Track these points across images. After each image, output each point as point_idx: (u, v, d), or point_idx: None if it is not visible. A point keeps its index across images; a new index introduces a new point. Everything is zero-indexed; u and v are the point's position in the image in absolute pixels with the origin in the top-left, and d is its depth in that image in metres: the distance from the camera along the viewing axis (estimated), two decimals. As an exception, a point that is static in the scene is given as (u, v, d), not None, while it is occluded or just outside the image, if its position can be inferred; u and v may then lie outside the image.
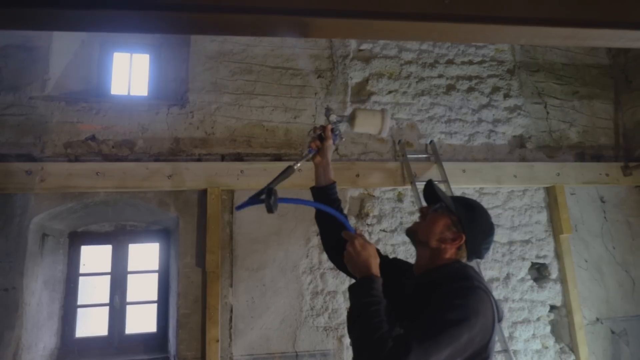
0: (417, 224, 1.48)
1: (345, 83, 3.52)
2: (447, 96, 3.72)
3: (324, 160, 1.74)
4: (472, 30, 1.56)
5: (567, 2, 1.59)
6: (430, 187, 1.49)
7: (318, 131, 1.72)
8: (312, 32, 1.72)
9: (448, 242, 1.38)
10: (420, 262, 1.45)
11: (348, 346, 3.08)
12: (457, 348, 1.16)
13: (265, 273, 3.06)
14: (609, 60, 4.20)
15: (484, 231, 1.43)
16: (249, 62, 3.38)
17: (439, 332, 1.15)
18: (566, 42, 1.65)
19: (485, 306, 1.23)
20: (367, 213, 3.31)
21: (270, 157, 3.25)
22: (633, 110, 4.01)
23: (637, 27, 1.59)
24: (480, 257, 1.45)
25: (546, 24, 1.56)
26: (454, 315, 1.18)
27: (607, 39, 1.62)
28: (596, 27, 1.58)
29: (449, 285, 1.28)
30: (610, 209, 3.87)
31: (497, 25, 1.55)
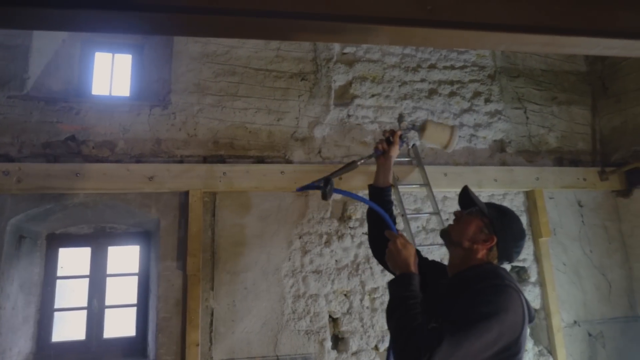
0: (451, 226, 1.55)
1: (329, 86, 3.53)
2: (430, 100, 3.76)
3: (387, 163, 1.81)
4: (454, 36, 1.58)
5: (545, 11, 1.62)
6: (465, 192, 1.58)
7: (387, 134, 1.81)
8: (295, 35, 1.72)
9: (480, 243, 1.45)
10: (454, 262, 1.52)
11: (329, 350, 3.08)
12: (487, 341, 1.22)
13: (247, 276, 3.04)
14: (587, 67, 4.30)
15: (515, 235, 1.50)
16: (233, 63, 3.36)
17: (470, 325, 1.22)
18: (544, 49, 1.69)
19: (515, 304, 1.29)
20: (350, 216, 3.32)
21: (253, 160, 3.24)
22: (609, 117, 4.11)
23: (613, 36, 1.63)
24: (511, 260, 1.51)
25: (525, 31, 1.60)
26: (485, 310, 1.25)
27: (584, 47, 1.66)
28: (573, 34, 1.62)
29: (481, 283, 1.35)
30: (587, 213, 3.95)
31: (477, 32, 1.58)
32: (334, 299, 3.17)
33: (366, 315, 3.20)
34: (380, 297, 3.25)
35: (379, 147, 1.79)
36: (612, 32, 1.61)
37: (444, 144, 1.80)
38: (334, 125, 3.48)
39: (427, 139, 1.83)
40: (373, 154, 1.79)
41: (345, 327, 3.15)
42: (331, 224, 3.28)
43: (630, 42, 1.65)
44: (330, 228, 3.27)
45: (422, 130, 1.82)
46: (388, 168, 1.81)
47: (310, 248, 3.20)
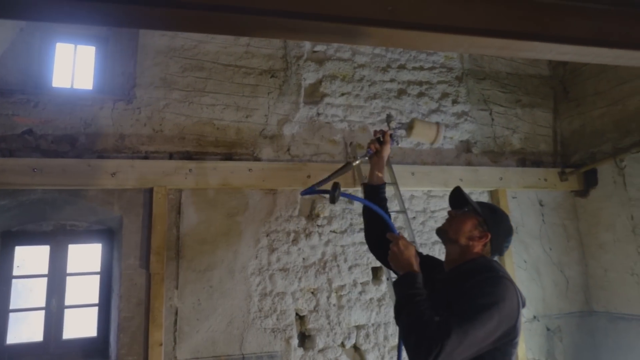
0: (447, 224, 1.65)
1: (299, 84, 3.52)
2: (399, 100, 3.80)
3: (380, 162, 1.89)
4: (414, 37, 1.60)
5: (502, 15, 1.67)
6: (457, 192, 1.69)
7: (378, 134, 1.89)
8: (258, 31, 1.71)
9: (475, 239, 1.57)
10: (451, 258, 1.63)
11: (296, 347, 3.09)
12: (489, 329, 1.34)
13: (213, 274, 3.01)
14: (549, 71, 4.45)
15: (506, 231, 1.64)
16: (201, 58, 3.31)
17: (474, 315, 1.33)
18: (501, 53, 1.74)
19: (510, 293, 1.41)
20: (318, 214, 3.33)
21: (221, 157, 3.20)
22: (570, 120, 4.26)
23: (565, 42, 1.69)
24: (501, 254, 1.65)
25: (483, 34, 1.64)
26: (485, 301, 1.36)
27: (539, 51, 1.72)
28: (528, 39, 1.67)
29: (479, 276, 1.46)
30: (548, 212, 4.09)
31: (437, 34, 1.61)
32: (301, 297, 3.17)
33: (333, 312, 3.22)
34: (347, 294, 3.28)
35: (372, 147, 1.86)
36: (565, 38, 1.67)
37: (431, 139, 1.91)
38: (303, 123, 3.47)
39: (415, 136, 1.92)
40: (366, 154, 1.86)
41: (312, 325, 3.16)
42: (299, 222, 3.28)
43: (582, 48, 1.72)
44: (298, 226, 3.27)
45: (410, 129, 1.91)
46: (381, 167, 1.90)
47: (278, 246, 3.19)
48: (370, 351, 3.25)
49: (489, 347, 1.37)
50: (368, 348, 3.25)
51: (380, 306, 3.34)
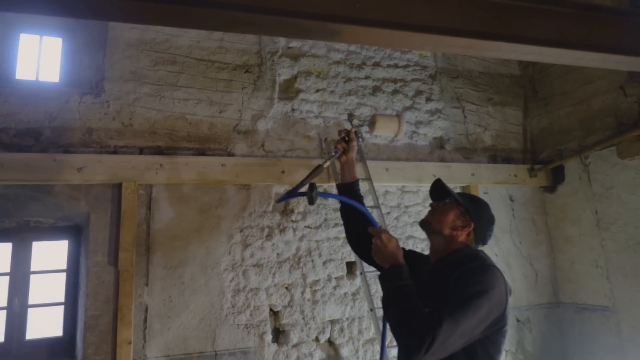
0: (430, 216, 1.66)
1: (273, 79, 3.51)
2: (373, 97, 3.83)
3: (348, 160, 1.90)
4: (381, 35, 1.61)
5: (468, 16, 1.69)
6: (438, 185, 1.69)
7: (343, 134, 1.90)
8: (228, 26, 1.69)
9: (459, 229, 1.58)
10: (436, 249, 1.63)
11: (269, 343, 3.09)
12: (480, 317, 1.34)
13: (185, 271, 2.98)
14: (520, 71, 4.55)
15: (488, 220, 1.65)
16: (173, 52, 3.26)
17: (464, 303, 1.33)
18: (467, 52, 1.76)
19: (499, 281, 1.42)
20: (292, 209, 3.33)
21: (193, 152, 3.16)
22: (539, 118, 4.37)
23: (528, 42, 1.74)
24: (485, 243, 1.66)
25: (449, 33, 1.66)
26: (475, 289, 1.36)
27: (503, 51, 1.76)
28: (493, 39, 1.70)
29: (467, 265, 1.47)
30: (518, 207, 4.20)
31: (404, 32, 1.62)
32: (275, 292, 3.17)
33: (307, 307, 3.23)
34: (322, 289, 3.30)
35: (339, 147, 1.87)
36: (528, 39, 1.72)
37: (395, 131, 1.96)
38: (277, 118, 3.46)
39: (378, 131, 1.96)
40: (334, 155, 1.88)
41: (286, 320, 3.17)
42: (273, 218, 3.28)
43: (544, 49, 1.77)
44: (272, 221, 3.27)
45: (372, 124, 1.95)
46: (351, 164, 1.90)
47: (252, 242, 3.18)
48: (345, 345, 3.28)
49: (480, 336, 1.38)
50: (342, 342, 3.28)
51: (354, 300, 3.37)
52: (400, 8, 1.62)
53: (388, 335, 3.15)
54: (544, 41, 1.77)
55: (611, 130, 3.67)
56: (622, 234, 3.54)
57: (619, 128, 3.61)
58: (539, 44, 1.77)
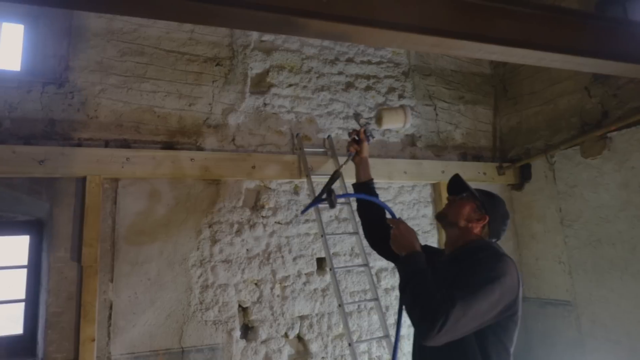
0: (447, 209, 1.75)
1: (245, 73, 3.46)
2: (346, 93, 3.83)
3: (363, 160, 2.00)
4: (348, 30, 1.61)
5: (434, 14, 1.71)
6: (455, 179, 1.79)
7: (353, 135, 1.98)
8: (191, 17, 1.66)
9: (474, 221, 1.67)
10: (451, 240, 1.72)
11: (238, 339, 3.07)
12: (491, 301, 1.41)
13: (151, 266, 2.92)
14: (491, 70, 4.63)
15: (503, 215, 1.74)
16: (141, 43, 3.18)
17: (477, 288, 1.40)
18: (433, 50, 1.78)
19: (511, 269, 1.49)
20: (263, 205, 3.31)
21: (161, 145, 3.10)
22: (508, 117, 4.47)
23: (493, 42, 1.76)
24: (499, 237, 1.73)
25: (416, 31, 1.67)
26: (488, 275, 1.44)
27: (468, 50, 1.78)
28: (458, 38, 1.72)
29: (481, 253, 1.57)
30: (486, 205, 4.28)
31: (371, 28, 1.62)
32: (244, 289, 3.15)
33: (277, 303, 3.22)
34: (291, 285, 3.29)
35: (352, 149, 1.96)
36: (492, 38, 1.74)
37: (402, 122, 2.00)
38: (249, 113, 3.42)
39: (386, 125, 2.00)
40: (349, 157, 1.96)
41: (255, 316, 3.15)
42: (243, 213, 3.25)
43: (508, 49, 1.80)
44: (242, 217, 3.24)
45: (379, 119, 1.98)
46: (365, 163, 2.00)
47: (221, 237, 3.14)
48: (314, 341, 3.29)
49: (491, 321, 1.44)
50: (312, 338, 3.29)
51: (324, 296, 3.38)
52: (367, 4, 1.61)
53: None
54: (509, 41, 1.81)
55: (576, 130, 3.78)
56: (584, 231, 3.66)
57: (583, 128, 3.72)
58: (504, 43, 1.80)
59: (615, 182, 3.46)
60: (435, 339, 1.34)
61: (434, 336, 1.33)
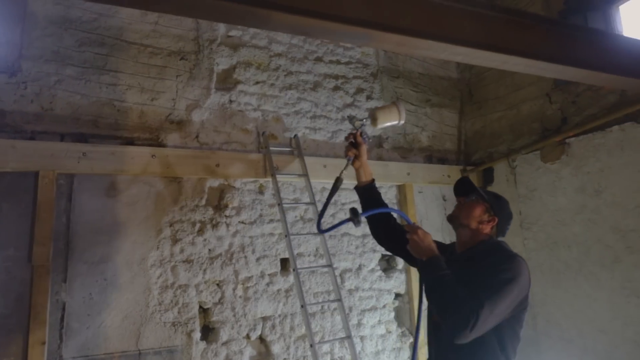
0: (458, 211, 1.86)
1: (211, 68, 3.38)
2: (314, 92, 3.81)
3: (362, 163, 2.03)
4: (312, 24, 1.58)
5: (400, 12, 1.70)
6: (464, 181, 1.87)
7: (350, 139, 1.99)
8: (150, 4, 1.59)
9: (485, 223, 1.79)
10: (463, 241, 1.84)
11: (198, 341, 2.99)
12: (511, 299, 1.57)
13: (108, 266, 2.80)
14: (458, 74, 4.72)
15: (508, 215, 1.88)
16: (102, 33, 3.05)
17: (499, 289, 1.56)
18: (399, 49, 1.78)
19: (524, 268, 1.65)
20: (227, 204, 3.24)
21: (122, 141, 2.98)
22: (473, 121, 4.56)
23: (458, 43, 1.77)
24: (504, 235, 1.87)
25: (382, 29, 1.65)
26: (506, 276, 1.59)
27: (433, 50, 1.78)
28: (424, 38, 1.72)
29: (496, 255, 1.70)
30: (450, 207, 4.34)
31: (336, 23, 1.59)
32: (205, 289, 3.07)
33: (239, 304, 3.15)
34: (254, 285, 3.23)
35: (350, 154, 1.98)
36: (458, 39, 1.75)
37: (397, 118, 1.99)
38: (214, 110, 3.35)
39: (382, 124, 1.98)
40: (348, 162, 1.96)
41: (216, 317, 3.07)
42: (206, 212, 3.16)
43: (473, 51, 1.81)
44: (205, 216, 3.15)
45: (374, 120, 1.96)
46: (365, 166, 2.04)
47: (182, 236, 3.05)
48: (276, 342, 3.24)
49: (508, 315, 1.60)
50: (274, 339, 3.24)
51: (287, 297, 3.34)
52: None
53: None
54: (473, 43, 1.82)
55: (537, 135, 3.89)
56: (542, 234, 3.77)
57: (544, 133, 3.84)
58: (469, 45, 1.81)
59: (572, 187, 3.58)
60: (467, 337, 1.50)
61: (468, 335, 1.49)
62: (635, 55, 2.36)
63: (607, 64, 2.22)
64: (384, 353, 3.68)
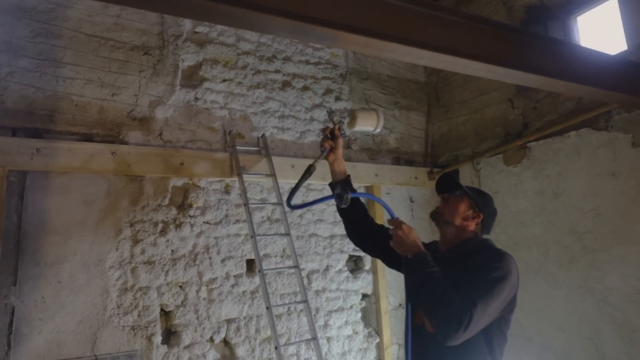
0: (442, 208, 1.79)
1: (176, 65, 3.29)
2: (283, 92, 3.77)
3: (337, 157, 1.98)
4: (276, 23, 1.55)
5: (367, 14, 1.70)
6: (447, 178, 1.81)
7: (327, 132, 1.96)
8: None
9: (469, 219, 1.72)
10: (446, 239, 1.77)
11: (159, 345, 2.90)
12: (502, 298, 1.52)
13: (63, 268, 2.68)
14: (425, 78, 4.79)
15: (493, 212, 1.82)
16: (59, 24, 2.91)
17: (491, 287, 1.50)
18: (364, 50, 1.78)
19: (513, 266, 1.60)
20: (191, 204, 3.16)
21: (79, 137, 2.86)
22: (440, 124, 4.64)
23: (422, 47, 1.79)
24: (489, 232, 1.80)
25: (347, 30, 1.65)
26: (497, 275, 1.54)
27: (398, 53, 1.79)
28: (389, 40, 1.72)
29: (484, 253, 1.63)
30: (417, 208, 4.41)
31: (301, 23, 1.58)
32: (167, 291, 2.98)
33: (202, 306, 3.08)
34: (219, 287, 3.17)
35: (326, 145, 1.94)
36: (422, 43, 1.77)
37: (374, 126, 1.98)
38: (179, 107, 3.26)
39: (359, 126, 1.97)
40: (322, 153, 1.94)
41: (179, 320, 2.99)
42: (169, 212, 3.08)
43: (437, 55, 1.83)
44: (168, 216, 3.07)
45: (353, 119, 1.95)
46: (340, 161, 2.00)
47: (143, 237, 2.95)
48: (241, 345, 3.19)
49: (497, 315, 1.55)
50: (238, 342, 3.18)
51: (253, 299, 3.29)
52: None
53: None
54: (437, 47, 1.84)
55: (500, 139, 3.99)
56: (503, 235, 3.87)
57: (506, 137, 3.94)
58: (433, 49, 1.83)
59: (532, 189, 3.69)
60: (459, 339, 1.44)
61: (460, 336, 1.42)
62: (591, 64, 2.45)
63: (565, 71, 2.29)
64: (350, 354, 3.69)
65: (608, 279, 3.17)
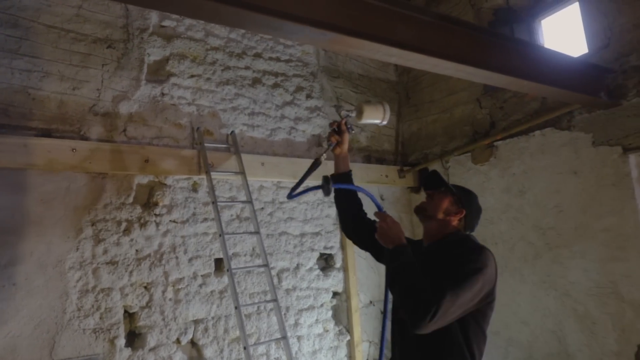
0: (426, 203, 1.83)
1: (141, 59, 3.19)
2: (253, 89, 3.71)
3: (343, 151, 2.00)
4: (246, 17, 1.51)
5: (337, 11, 1.68)
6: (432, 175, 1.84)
7: (334, 126, 1.97)
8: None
9: (452, 215, 1.75)
10: (429, 233, 1.80)
11: (122, 348, 2.80)
12: (475, 291, 1.53)
13: (18, 270, 2.55)
14: (396, 77, 4.82)
15: (477, 209, 1.85)
16: (15, 14, 2.76)
17: (463, 279, 1.51)
18: (334, 47, 1.76)
19: (491, 260, 1.62)
20: (157, 202, 3.07)
21: (37, 132, 2.72)
22: (410, 123, 4.68)
23: (391, 45, 1.78)
24: (473, 229, 1.84)
25: (316, 25, 1.63)
26: (472, 267, 1.55)
27: (367, 50, 1.78)
28: (359, 37, 1.71)
29: (463, 246, 1.67)
30: (387, 206, 4.43)
31: (271, 17, 1.54)
32: (132, 292, 2.88)
33: (168, 307, 3.00)
34: (186, 287, 3.09)
35: (332, 139, 1.95)
36: (391, 41, 1.76)
37: (381, 118, 1.98)
38: (144, 102, 3.16)
39: (366, 119, 1.97)
40: (329, 147, 1.95)
41: (143, 322, 2.90)
42: (133, 210, 2.98)
43: (406, 53, 1.84)
44: (132, 215, 2.97)
45: (360, 113, 1.96)
46: (345, 155, 2.02)
47: (106, 237, 2.85)
48: (209, 345, 3.12)
49: (473, 309, 1.56)
50: (206, 342, 3.12)
51: (221, 299, 3.23)
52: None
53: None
54: (406, 45, 1.85)
55: (468, 138, 4.06)
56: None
57: (474, 136, 4.01)
58: (402, 47, 1.83)
59: (499, 187, 3.78)
60: (427, 327, 1.45)
61: (427, 325, 1.44)
62: (554, 65, 2.52)
63: (529, 72, 2.35)
64: (321, 352, 3.67)
65: (570, 274, 3.28)
